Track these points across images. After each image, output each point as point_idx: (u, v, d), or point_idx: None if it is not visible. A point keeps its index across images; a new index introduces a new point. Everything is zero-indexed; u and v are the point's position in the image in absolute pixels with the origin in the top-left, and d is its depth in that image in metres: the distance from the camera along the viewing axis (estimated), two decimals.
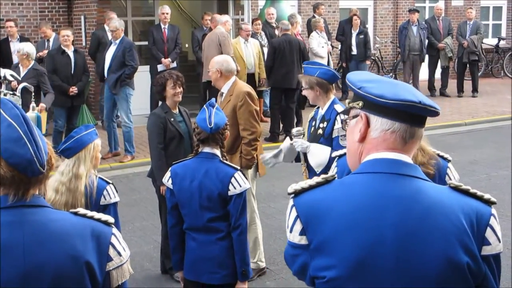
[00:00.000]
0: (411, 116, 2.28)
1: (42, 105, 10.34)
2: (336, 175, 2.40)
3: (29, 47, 11.33)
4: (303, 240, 2.30)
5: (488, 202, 2.33)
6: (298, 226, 2.30)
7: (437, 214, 2.24)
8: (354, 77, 2.43)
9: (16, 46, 14.23)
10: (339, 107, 5.73)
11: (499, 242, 2.28)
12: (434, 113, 2.29)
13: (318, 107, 6.02)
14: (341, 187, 2.34)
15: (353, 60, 18.28)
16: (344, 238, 2.22)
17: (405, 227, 2.21)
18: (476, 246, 2.24)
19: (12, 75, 11.81)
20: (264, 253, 7.62)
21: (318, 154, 5.61)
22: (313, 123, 5.99)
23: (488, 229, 2.27)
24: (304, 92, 5.95)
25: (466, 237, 2.22)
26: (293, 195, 2.36)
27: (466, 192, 2.34)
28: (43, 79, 11.01)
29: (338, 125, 5.63)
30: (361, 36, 18.03)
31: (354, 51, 18.18)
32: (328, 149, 5.58)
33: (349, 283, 2.21)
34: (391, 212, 2.22)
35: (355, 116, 2.41)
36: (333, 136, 5.69)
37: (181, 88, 6.84)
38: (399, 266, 2.19)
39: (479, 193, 2.33)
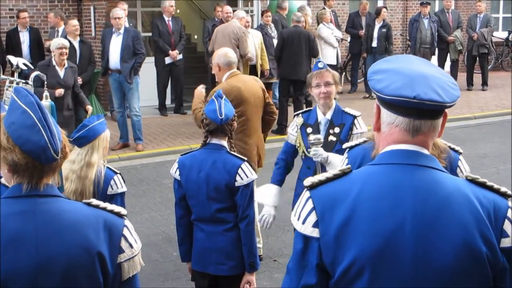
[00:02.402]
0: (412, 110, 2.27)
1: (89, 107, 10.26)
2: (350, 167, 2.40)
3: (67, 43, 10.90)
4: (315, 233, 2.30)
5: (505, 195, 2.35)
6: (313, 218, 2.30)
7: (455, 204, 2.25)
8: (373, 66, 2.44)
9: (25, 37, 14.29)
10: (353, 111, 5.61)
11: None
12: (437, 106, 2.26)
13: (307, 112, 5.79)
14: (358, 178, 2.34)
15: (372, 53, 18.12)
16: (363, 227, 2.23)
17: (424, 216, 2.22)
18: (494, 237, 2.25)
19: (24, 64, 11.81)
20: (272, 245, 7.64)
21: (338, 165, 5.07)
22: (309, 130, 5.61)
23: (506, 221, 2.28)
24: (326, 89, 5.50)
25: (485, 227, 2.24)
26: (310, 186, 2.35)
27: (483, 185, 2.35)
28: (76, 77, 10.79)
29: (357, 129, 5.52)
30: (384, 30, 17.92)
31: (375, 43, 18.08)
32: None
33: (368, 271, 2.22)
34: (409, 201, 2.24)
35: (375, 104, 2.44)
36: None
37: None
38: (418, 254, 2.20)
39: (495, 186, 2.35)
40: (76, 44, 12.64)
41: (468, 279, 2.24)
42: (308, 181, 2.36)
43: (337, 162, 5.21)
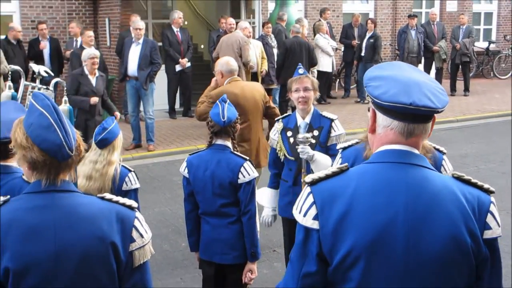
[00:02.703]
0: (408, 115, 2.29)
1: (117, 113, 10.19)
2: (347, 165, 2.42)
3: (98, 52, 10.79)
4: (315, 225, 2.31)
5: (488, 191, 2.38)
6: (313, 211, 2.32)
7: (443, 199, 2.27)
8: (368, 73, 2.45)
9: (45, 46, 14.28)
10: (330, 114, 5.53)
11: (499, 226, 2.33)
12: (430, 112, 2.29)
13: (286, 117, 5.72)
14: (354, 175, 2.36)
15: (362, 61, 18.14)
16: (359, 220, 2.25)
17: (415, 210, 2.24)
18: (478, 230, 2.28)
19: (45, 71, 11.80)
20: (272, 237, 7.64)
21: (323, 163, 5.24)
22: (289, 134, 5.54)
23: (489, 215, 2.32)
24: (305, 94, 5.40)
25: (470, 221, 2.27)
26: (311, 183, 2.37)
27: (468, 182, 2.38)
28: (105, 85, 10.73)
29: (335, 132, 5.45)
30: (371, 40, 17.91)
31: (363, 53, 18.07)
32: (329, 158, 5.32)
33: (363, 260, 2.24)
34: (401, 197, 2.26)
35: (370, 108, 2.45)
36: (330, 143, 5.45)
37: None
38: (409, 245, 2.23)
39: (479, 183, 2.38)
40: None
41: (454, 268, 2.26)
42: (309, 178, 2.38)
43: (322, 160, 5.24)
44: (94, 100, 9.24)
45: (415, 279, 2.24)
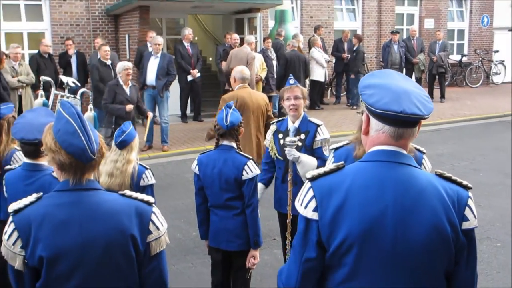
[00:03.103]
0: (398, 121, 2.29)
1: (150, 113, 10.18)
2: (343, 163, 2.42)
3: (131, 64, 10.62)
4: (314, 216, 2.31)
5: (466, 187, 2.39)
6: (313, 204, 2.32)
7: (428, 194, 2.28)
8: (362, 81, 2.44)
9: (73, 59, 14.28)
10: (316, 120, 5.47)
11: (475, 218, 2.34)
12: (417, 119, 2.29)
13: (280, 121, 5.65)
14: (350, 172, 2.36)
15: (348, 71, 18.37)
16: (353, 212, 2.26)
17: (402, 204, 2.25)
18: (457, 221, 2.29)
19: (73, 82, 11.81)
20: (272, 227, 7.61)
21: (308, 164, 5.20)
22: (280, 136, 5.51)
23: (467, 208, 2.33)
24: (295, 102, 5.36)
25: (450, 213, 2.28)
26: (311, 178, 2.37)
27: (448, 179, 2.39)
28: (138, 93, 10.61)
29: (320, 136, 5.37)
30: (354, 54, 18.00)
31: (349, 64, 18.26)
32: (314, 160, 5.28)
33: (356, 247, 2.25)
34: (391, 192, 2.26)
35: (364, 113, 2.46)
36: (316, 147, 5.38)
37: None
38: (397, 235, 2.24)
39: (459, 179, 2.40)
40: (109, 63, 12.65)
41: (436, 254, 2.27)
42: (309, 174, 2.38)
43: (307, 161, 5.18)
44: (129, 107, 9.18)
45: (401, 264, 2.25)
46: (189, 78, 14.99)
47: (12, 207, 2.55)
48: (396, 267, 2.25)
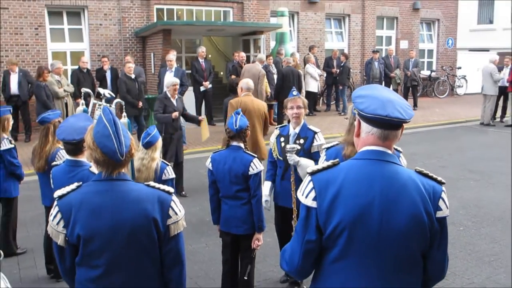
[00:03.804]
0: (383, 124, 2.31)
1: (201, 118, 9.88)
2: (338, 160, 2.43)
3: (178, 80, 10.31)
4: (314, 204, 2.32)
5: (440, 183, 2.39)
6: (312, 194, 2.32)
7: (408, 188, 2.28)
8: (354, 93, 2.45)
9: (108, 74, 14.31)
10: (314, 128, 5.39)
11: (447, 208, 2.36)
12: (400, 122, 2.31)
13: (283, 127, 5.56)
14: (343, 168, 2.36)
15: (336, 84, 18.38)
16: (346, 202, 2.26)
17: (387, 195, 2.26)
18: (432, 211, 2.30)
19: (109, 93, 11.80)
20: (274, 213, 7.58)
21: (306, 166, 5.08)
22: (282, 139, 5.43)
23: (440, 200, 2.34)
24: (298, 111, 5.28)
25: (427, 204, 2.29)
26: (311, 173, 2.37)
27: (426, 175, 2.39)
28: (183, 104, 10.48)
29: (317, 142, 5.28)
30: (341, 69, 18.00)
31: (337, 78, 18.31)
32: (312, 162, 5.18)
33: (347, 231, 2.26)
34: (378, 185, 2.27)
35: (356, 119, 2.47)
36: (313, 151, 5.28)
37: None
38: (382, 222, 2.24)
39: (434, 176, 2.40)
40: (133, 77, 12.67)
41: (415, 238, 2.28)
42: (310, 169, 2.39)
43: (306, 164, 5.11)
44: (175, 114, 9.02)
45: (385, 246, 2.26)
46: (202, 88, 15.03)
47: (57, 193, 2.60)
48: (381, 248, 2.26)
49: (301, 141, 5.32)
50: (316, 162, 5.18)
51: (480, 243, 6.84)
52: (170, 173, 4.86)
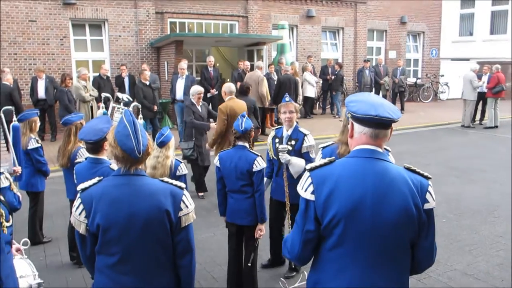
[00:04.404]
0: (373, 123, 2.30)
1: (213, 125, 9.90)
2: (334, 158, 2.42)
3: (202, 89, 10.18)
4: (312, 198, 2.31)
5: (427, 178, 2.39)
6: (311, 188, 2.31)
7: (398, 182, 2.28)
8: (347, 99, 2.45)
9: (125, 80, 14.31)
10: (305, 130, 5.36)
11: (434, 201, 2.35)
12: (389, 121, 2.30)
13: (278, 129, 5.51)
14: (339, 165, 2.35)
15: (331, 90, 18.38)
16: (341, 195, 2.26)
17: (379, 189, 2.25)
18: (420, 203, 2.29)
19: (127, 97, 11.78)
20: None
21: (297, 165, 5.14)
22: (277, 140, 5.40)
23: (427, 193, 2.33)
24: (290, 115, 5.23)
25: (415, 197, 2.28)
26: (310, 169, 2.37)
27: (414, 171, 2.39)
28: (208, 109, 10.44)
29: (306, 143, 5.25)
30: (336, 76, 17.97)
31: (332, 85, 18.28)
32: (303, 161, 5.17)
33: (343, 222, 2.25)
34: (370, 180, 2.26)
35: (349, 122, 2.46)
36: (303, 151, 5.25)
37: None
38: (374, 213, 2.23)
39: (421, 171, 2.39)
40: (148, 83, 12.69)
41: (404, 228, 2.27)
42: (309, 166, 2.38)
43: (297, 163, 5.12)
44: (212, 125, 8.84)
45: (377, 235, 2.25)
46: (209, 94, 15.02)
47: (80, 186, 2.62)
48: (373, 237, 2.25)
49: (293, 142, 5.29)
50: (307, 161, 5.17)
51: (461, 233, 6.82)
52: (183, 169, 4.82)
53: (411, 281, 2.99)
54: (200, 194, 8.67)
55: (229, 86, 8.11)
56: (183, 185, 2.71)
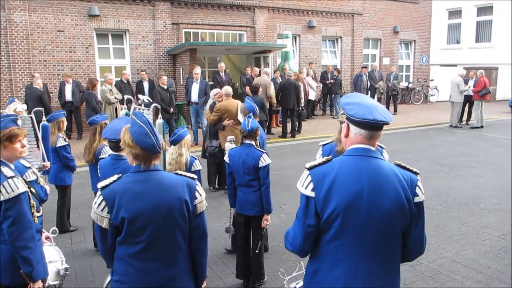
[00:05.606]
0: (370, 126, 2.28)
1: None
2: (332, 157, 2.39)
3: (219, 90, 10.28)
4: (312, 194, 2.28)
5: (416, 173, 2.37)
6: (311, 186, 2.28)
7: (391, 178, 2.26)
8: (342, 100, 2.41)
9: (145, 84, 14.33)
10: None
11: (423, 194, 2.34)
12: (384, 124, 2.29)
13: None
14: (337, 163, 2.32)
15: (330, 93, 18.34)
16: (339, 191, 2.23)
17: (373, 185, 2.22)
18: (411, 196, 2.28)
19: (147, 99, 11.77)
20: (279, 199, 7.52)
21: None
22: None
23: (417, 187, 2.32)
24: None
25: (406, 192, 2.26)
26: (309, 168, 2.34)
27: (404, 167, 2.36)
28: None
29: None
30: (334, 81, 17.91)
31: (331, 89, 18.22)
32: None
33: (341, 216, 2.23)
34: (365, 177, 2.24)
35: (345, 123, 2.43)
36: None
37: None
38: (370, 207, 2.21)
39: (411, 168, 2.37)
40: (165, 87, 12.71)
41: (397, 220, 2.25)
42: (308, 164, 2.34)
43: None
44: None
45: (372, 227, 2.23)
46: None
47: (100, 184, 2.57)
48: (369, 229, 2.23)
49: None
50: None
51: (450, 224, 6.77)
52: (197, 165, 4.80)
53: (404, 267, 2.97)
54: (212, 188, 8.68)
55: (225, 89, 8.45)
56: (195, 176, 2.73)
